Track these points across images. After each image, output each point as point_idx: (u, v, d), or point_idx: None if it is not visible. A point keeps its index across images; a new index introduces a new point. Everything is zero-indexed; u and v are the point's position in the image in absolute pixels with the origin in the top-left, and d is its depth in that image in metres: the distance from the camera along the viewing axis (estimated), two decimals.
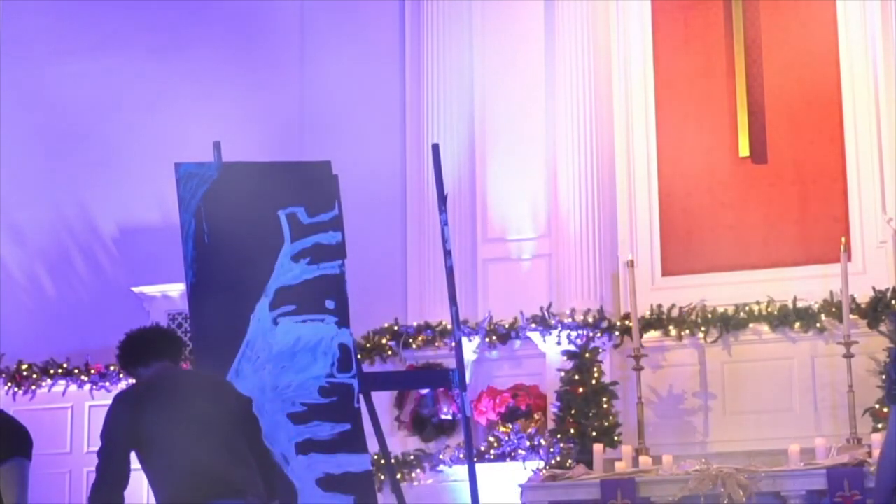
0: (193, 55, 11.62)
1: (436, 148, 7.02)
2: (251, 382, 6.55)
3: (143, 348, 5.80)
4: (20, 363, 11.10)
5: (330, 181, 6.81)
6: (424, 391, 10.26)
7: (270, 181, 6.81)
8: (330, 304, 6.67)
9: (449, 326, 10.32)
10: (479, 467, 9.81)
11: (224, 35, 11.69)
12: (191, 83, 11.50)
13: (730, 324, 9.94)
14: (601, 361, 9.98)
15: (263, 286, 6.66)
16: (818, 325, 9.79)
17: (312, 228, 6.69)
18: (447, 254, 6.91)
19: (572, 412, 9.81)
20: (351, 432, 6.62)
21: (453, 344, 7.25)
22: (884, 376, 9.12)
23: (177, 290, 11.35)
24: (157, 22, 11.80)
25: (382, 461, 9.67)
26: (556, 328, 10.09)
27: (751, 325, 9.95)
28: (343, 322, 6.72)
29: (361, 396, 6.79)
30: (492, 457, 9.85)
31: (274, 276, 6.66)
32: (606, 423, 9.79)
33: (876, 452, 8.11)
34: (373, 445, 7.10)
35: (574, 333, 10.04)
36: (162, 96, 11.59)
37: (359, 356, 7.13)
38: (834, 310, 9.71)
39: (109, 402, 5.71)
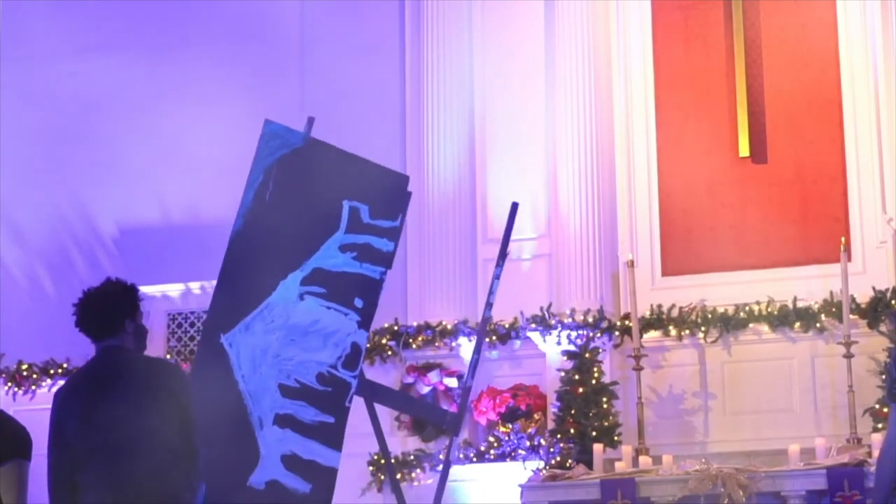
0: (193, 55, 11.62)
1: (515, 206, 6.98)
2: (257, 341, 6.58)
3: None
4: (20, 363, 11.10)
5: (402, 194, 6.86)
6: (424, 391, 10.26)
7: (347, 171, 6.85)
8: (358, 303, 6.69)
9: (449, 326, 10.33)
10: (479, 467, 9.87)
11: (224, 35, 11.68)
12: (191, 83, 11.50)
13: (730, 324, 9.94)
14: (601, 361, 9.98)
15: (302, 261, 6.68)
16: (818, 325, 9.79)
17: (369, 229, 6.72)
18: (489, 305, 6.92)
19: (572, 412, 9.81)
20: (332, 426, 6.62)
21: (460, 391, 7.25)
22: (884, 376, 9.13)
23: (177, 289, 11.36)
24: (157, 22, 11.80)
25: (382, 461, 9.73)
26: (556, 328, 10.09)
27: (751, 325, 9.95)
28: (364, 324, 6.75)
29: (364, 401, 6.80)
30: (492, 457, 9.86)
31: (316, 256, 6.69)
32: (606, 423, 9.79)
33: (876, 452, 8.10)
34: (373, 445, 7.10)
35: (574, 333, 10.04)
36: (162, 96, 11.59)
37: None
38: (834, 310, 9.71)
39: None
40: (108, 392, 5.53)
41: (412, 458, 10.07)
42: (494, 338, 10.31)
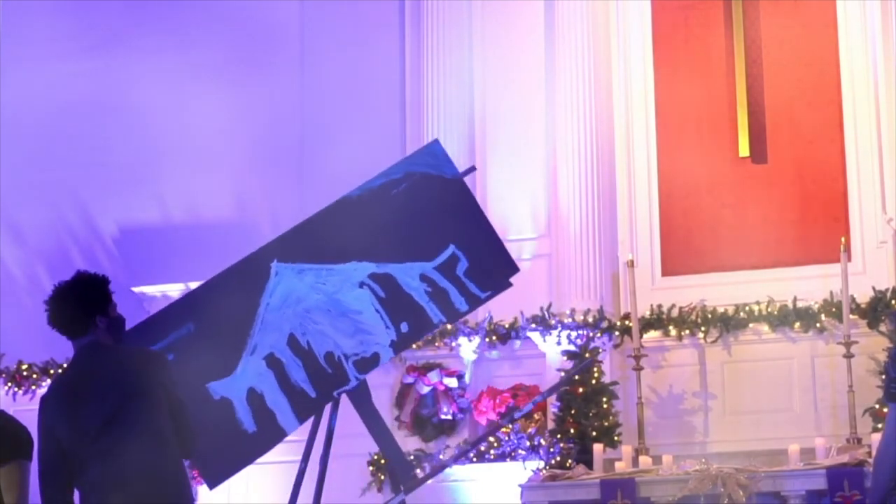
0: (193, 55, 11.62)
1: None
2: (300, 288, 6.66)
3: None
4: (20, 363, 11.09)
5: (503, 279, 6.98)
6: (425, 391, 10.26)
7: (472, 223, 6.93)
8: (404, 327, 6.75)
9: (450, 326, 10.32)
10: (479, 467, 9.87)
11: (224, 35, 11.69)
12: (191, 83, 11.50)
13: (730, 324, 9.94)
14: (601, 361, 9.97)
15: (383, 260, 6.76)
16: (818, 325, 9.79)
17: (457, 281, 6.81)
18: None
19: (572, 412, 9.80)
20: (309, 399, 6.69)
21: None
22: (883, 376, 9.12)
23: (176, 290, 11.34)
24: (156, 22, 11.81)
25: (382, 461, 9.73)
26: (556, 328, 10.09)
27: (751, 325, 9.94)
28: (396, 347, 6.83)
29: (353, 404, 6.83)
30: (492, 457, 9.86)
31: (397, 266, 6.76)
32: (606, 423, 9.79)
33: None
34: (373, 445, 7.10)
35: (574, 333, 10.04)
36: (162, 96, 11.59)
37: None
38: (834, 310, 9.71)
39: None
40: (92, 393, 5.51)
41: (412, 458, 10.07)
42: (494, 338, 10.31)
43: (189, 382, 6.26)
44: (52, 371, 11.00)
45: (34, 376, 11.02)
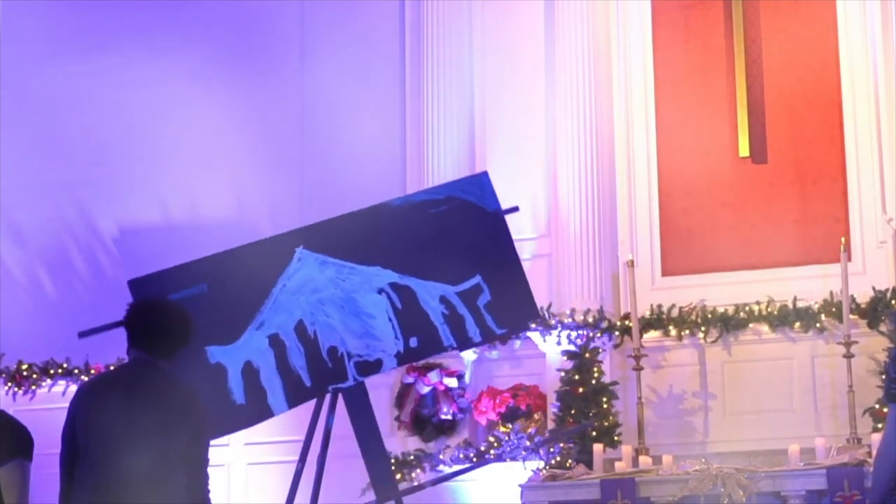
0: (193, 55, 11.62)
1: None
2: (318, 279, 6.72)
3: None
4: (20, 363, 11.09)
5: (522, 323, 7.14)
6: (425, 391, 10.26)
7: (504, 261, 7.03)
8: (413, 342, 6.81)
9: None
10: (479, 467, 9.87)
11: (224, 35, 11.69)
12: (191, 83, 11.50)
13: (730, 324, 9.94)
14: (601, 361, 9.97)
15: (407, 273, 6.85)
16: (818, 325, 9.79)
17: (476, 312, 6.93)
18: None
19: (572, 412, 9.80)
20: (304, 387, 6.74)
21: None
22: (883, 376, 9.12)
23: None
24: (156, 22, 11.80)
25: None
26: (556, 328, 10.08)
27: (751, 325, 9.94)
28: (401, 359, 6.91)
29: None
30: (492, 457, 9.85)
31: (419, 282, 6.84)
32: (606, 423, 9.79)
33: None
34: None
35: (574, 333, 10.04)
36: (162, 96, 11.59)
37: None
38: (834, 310, 9.71)
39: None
40: (125, 399, 5.42)
41: (412, 458, 10.07)
42: None
43: (200, 335, 6.33)
44: (51, 371, 11.01)
45: (34, 376, 11.02)
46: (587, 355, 9.94)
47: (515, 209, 7.30)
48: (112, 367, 5.99)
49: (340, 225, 6.93)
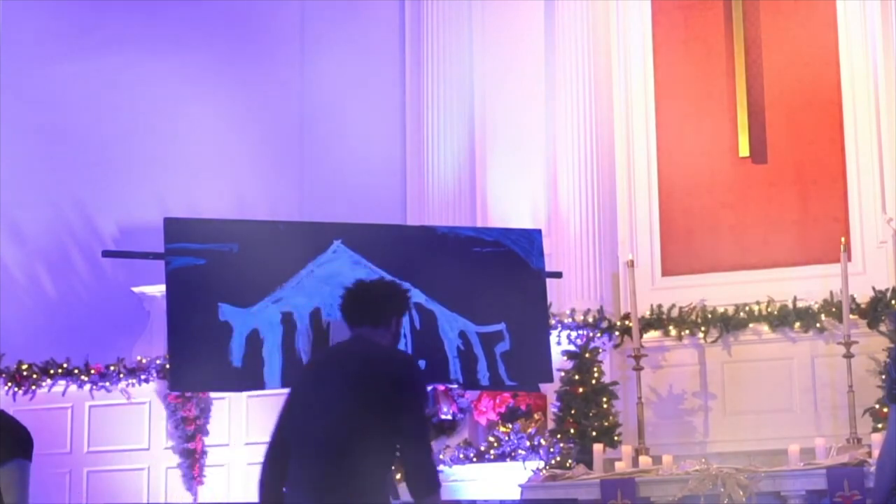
0: (193, 55, 11.62)
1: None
2: (346, 273, 6.66)
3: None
4: (20, 363, 11.08)
5: (534, 385, 7.09)
6: None
7: (529, 318, 7.02)
8: (421, 364, 6.80)
9: None
10: (479, 467, 9.87)
11: (224, 35, 11.69)
12: (191, 83, 11.51)
13: (730, 324, 9.94)
14: (601, 361, 9.97)
15: (431, 300, 6.84)
16: (818, 325, 9.79)
17: (490, 358, 6.94)
18: None
19: (572, 412, 9.80)
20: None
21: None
22: (884, 376, 9.12)
23: None
24: (156, 22, 11.81)
25: None
26: (556, 328, 10.08)
27: (751, 325, 9.95)
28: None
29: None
30: (492, 457, 9.85)
31: (441, 309, 6.84)
32: (606, 423, 9.79)
33: (876, 452, 8.10)
34: None
35: (574, 333, 10.04)
36: (162, 96, 11.59)
37: None
38: (834, 310, 9.71)
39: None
40: (339, 378, 5.37)
41: None
42: None
43: (204, 289, 6.41)
44: (51, 371, 11.01)
45: (34, 376, 11.02)
46: (587, 355, 9.94)
47: (559, 275, 7.33)
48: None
49: (383, 233, 7.02)
